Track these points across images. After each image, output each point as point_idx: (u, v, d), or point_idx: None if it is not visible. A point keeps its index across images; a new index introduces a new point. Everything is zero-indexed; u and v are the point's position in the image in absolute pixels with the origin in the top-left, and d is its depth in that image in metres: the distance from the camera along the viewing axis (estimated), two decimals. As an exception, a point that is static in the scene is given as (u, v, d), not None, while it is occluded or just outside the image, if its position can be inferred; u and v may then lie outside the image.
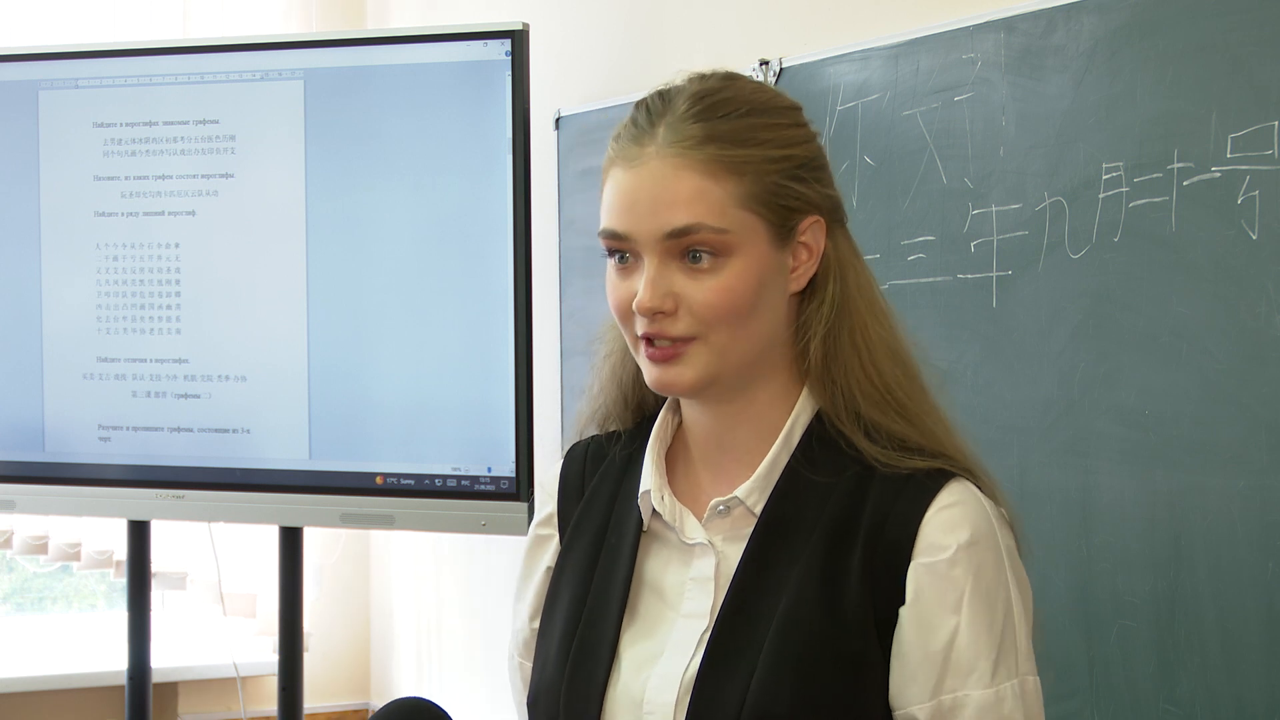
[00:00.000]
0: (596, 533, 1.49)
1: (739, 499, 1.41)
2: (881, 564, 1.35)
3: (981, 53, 2.18)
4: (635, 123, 1.39)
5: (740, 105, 1.38)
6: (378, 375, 2.95)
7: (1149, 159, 1.95)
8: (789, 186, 1.37)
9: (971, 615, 1.34)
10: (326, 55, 2.99)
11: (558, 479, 1.56)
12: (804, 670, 1.34)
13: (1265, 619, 1.82)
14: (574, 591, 1.47)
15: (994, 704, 1.33)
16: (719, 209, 1.34)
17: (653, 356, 1.38)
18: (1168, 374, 1.93)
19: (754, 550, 1.40)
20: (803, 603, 1.35)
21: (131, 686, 3.21)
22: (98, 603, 4.27)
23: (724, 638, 1.37)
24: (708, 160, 1.35)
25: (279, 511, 3.03)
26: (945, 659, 1.33)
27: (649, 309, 1.35)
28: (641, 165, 1.36)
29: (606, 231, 1.39)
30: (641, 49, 3.12)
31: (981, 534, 1.35)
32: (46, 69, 3.13)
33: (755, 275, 1.36)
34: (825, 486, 1.39)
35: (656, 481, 1.45)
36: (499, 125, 2.86)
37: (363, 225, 2.96)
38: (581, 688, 1.42)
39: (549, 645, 1.47)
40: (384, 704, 1.62)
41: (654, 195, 1.35)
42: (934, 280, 2.26)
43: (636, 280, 1.37)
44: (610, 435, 1.55)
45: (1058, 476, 2.07)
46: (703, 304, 1.35)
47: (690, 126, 1.36)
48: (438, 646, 3.97)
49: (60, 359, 3.13)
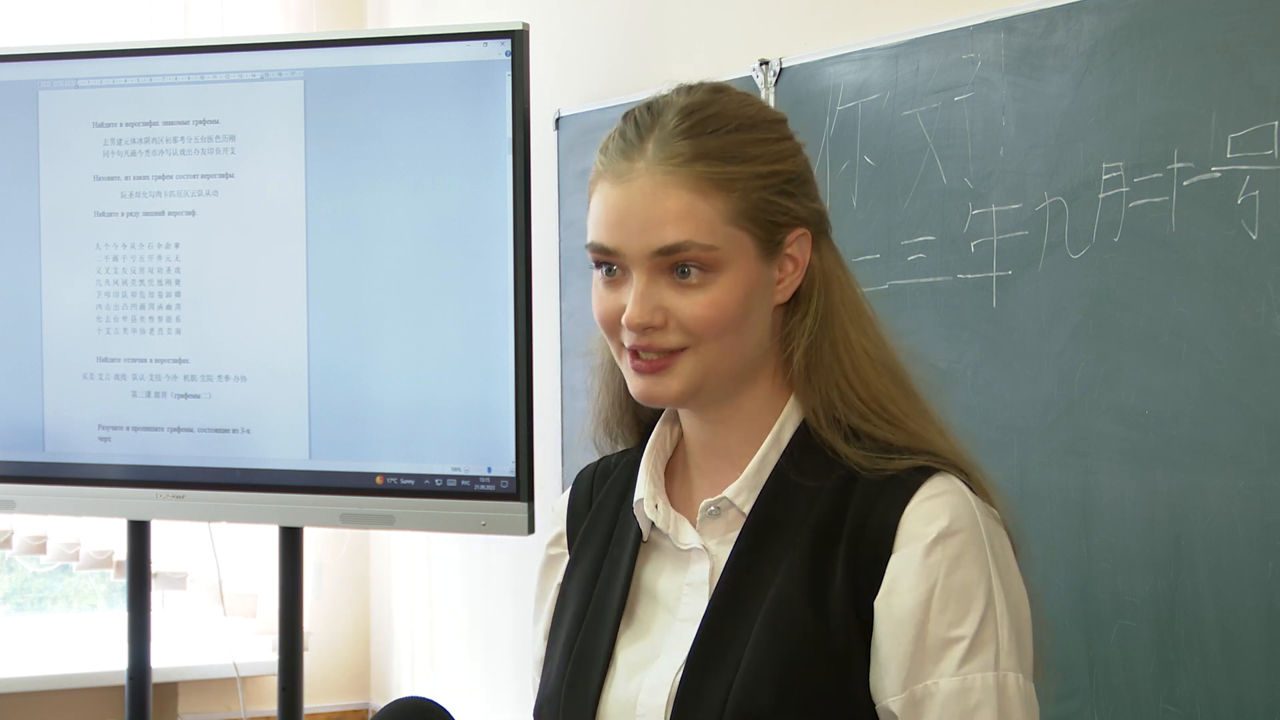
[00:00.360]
0: (600, 544, 1.50)
1: (728, 499, 1.41)
2: (864, 560, 1.35)
3: (981, 53, 2.18)
4: (624, 136, 1.39)
5: (729, 121, 1.38)
6: (378, 375, 2.95)
7: (1149, 159, 1.95)
8: (776, 202, 1.38)
9: (944, 604, 1.32)
10: (326, 55, 2.99)
11: (566, 502, 1.59)
12: (787, 668, 1.34)
13: (1265, 619, 1.82)
14: (577, 603, 1.49)
15: (959, 693, 1.32)
16: (708, 226, 1.35)
17: (639, 369, 1.39)
18: (1168, 374, 1.93)
19: (741, 551, 1.40)
20: (787, 601, 1.35)
21: (131, 686, 3.21)
22: (98, 603, 4.27)
23: (709, 637, 1.38)
24: (697, 177, 1.35)
25: (279, 511, 3.03)
26: (917, 649, 1.32)
27: (638, 324, 1.36)
28: (630, 181, 1.36)
29: (595, 245, 1.39)
30: (641, 49, 3.12)
31: (961, 524, 1.34)
32: (46, 69, 3.13)
33: (743, 290, 1.37)
34: (812, 490, 1.39)
35: (650, 490, 1.46)
36: (499, 125, 2.86)
37: (363, 225, 2.95)
38: (578, 695, 1.43)
39: (553, 657, 1.49)
40: (385, 704, 1.62)
41: (643, 212, 1.35)
42: (934, 280, 2.26)
43: (624, 293, 1.37)
44: (621, 454, 1.56)
45: (1058, 476, 2.07)
46: (692, 318, 1.35)
47: (679, 143, 1.36)
48: (437, 647, 3.97)
49: (60, 359, 3.12)
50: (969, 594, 1.33)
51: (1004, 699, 1.32)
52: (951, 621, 1.33)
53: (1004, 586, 1.36)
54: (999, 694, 1.32)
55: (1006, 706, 1.32)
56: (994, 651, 1.33)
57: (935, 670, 1.32)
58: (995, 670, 1.32)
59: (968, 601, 1.33)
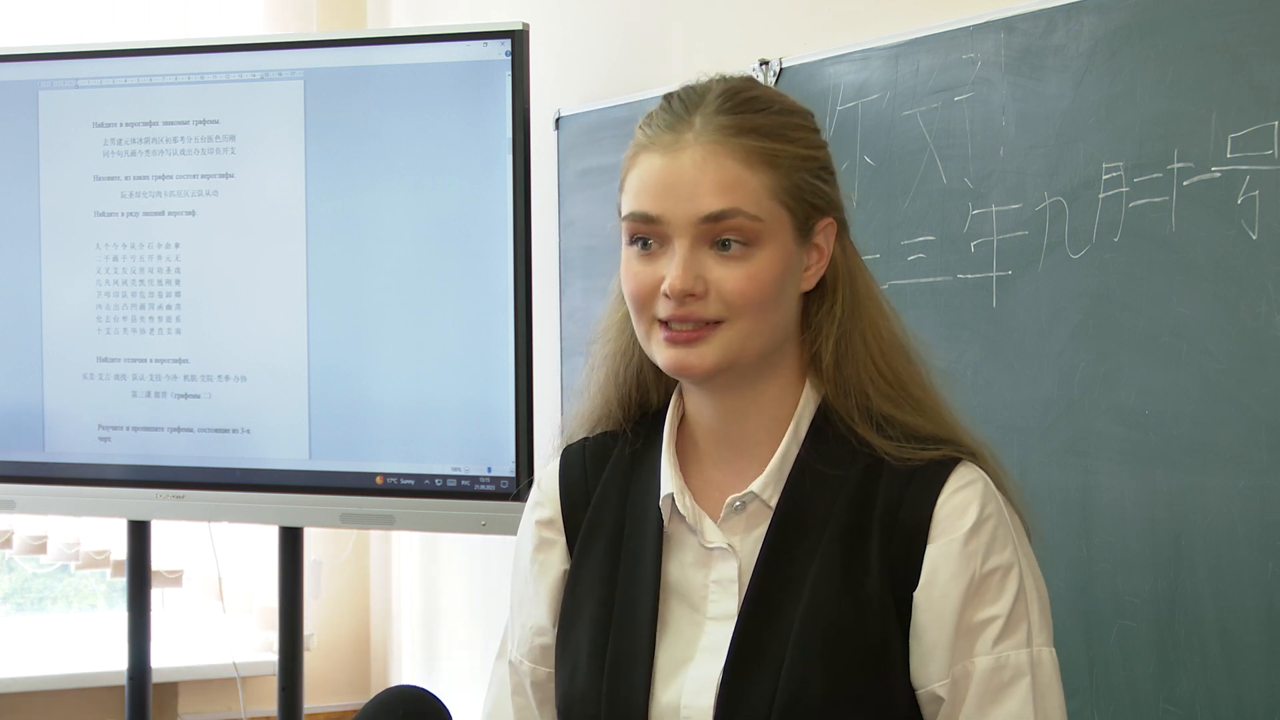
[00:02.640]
0: (612, 536, 1.50)
1: (755, 493, 1.43)
2: (898, 549, 1.38)
3: (981, 53, 2.18)
4: (669, 110, 1.41)
5: (771, 103, 1.42)
6: (378, 375, 2.95)
7: (1149, 159, 1.94)
8: (815, 184, 1.42)
9: (982, 589, 1.37)
10: (326, 55, 2.99)
11: (557, 481, 1.56)
12: (832, 660, 1.36)
13: (1265, 619, 1.82)
14: (599, 598, 1.47)
15: (995, 669, 1.37)
16: (755, 198, 1.37)
17: (672, 339, 1.39)
18: (1168, 374, 1.93)
19: (772, 546, 1.41)
20: (825, 594, 1.38)
21: (131, 686, 3.21)
22: (98, 603, 4.27)
23: (749, 635, 1.39)
24: (746, 150, 1.38)
25: (279, 511, 3.03)
26: (960, 634, 1.37)
27: (681, 291, 1.37)
28: (680, 150, 1.38)
29: (637, 214, 1.40)
30: (641, 49, 3.12)
31: (990, 511, 1.39)
32: (46, 69, 3.13)
33: (781, 268, 1.39)
34: (836, 479, 1.42)
35: (677, 484, 1.46)
36: (499, 125, 2.86)
37: (363, 225, 2.96)
38: (623, 698, 1.43)
39: (576, 654, 1.47)
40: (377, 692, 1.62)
41: (692, 179, 1.37)
42: (934, 280, 2.26)
43: (661, 265, 1.39)
44: (606, 435, 1.55)
45: (1058, 476, 2.07)
46: (733, 290, 1.37)
47: (728, 117, 1.39)
48: (438, 646, 3.97)
49: (60, 359, 3.13)
50: (1003, 577, 1.39)
51: (1039, 672, 1.39)
52: (991, 606, 1.38)
53: (1029, 567, 1.42)
54: (1033, 668, 1.38)
55: (1042, 679, 1.39)
56: (1026, 629, 1.39)
57: (973, 649, 1.37)
58: (1029, 647, 1.39)
59: (1002, 584, 1.39)
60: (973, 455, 1.43)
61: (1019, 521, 1.45)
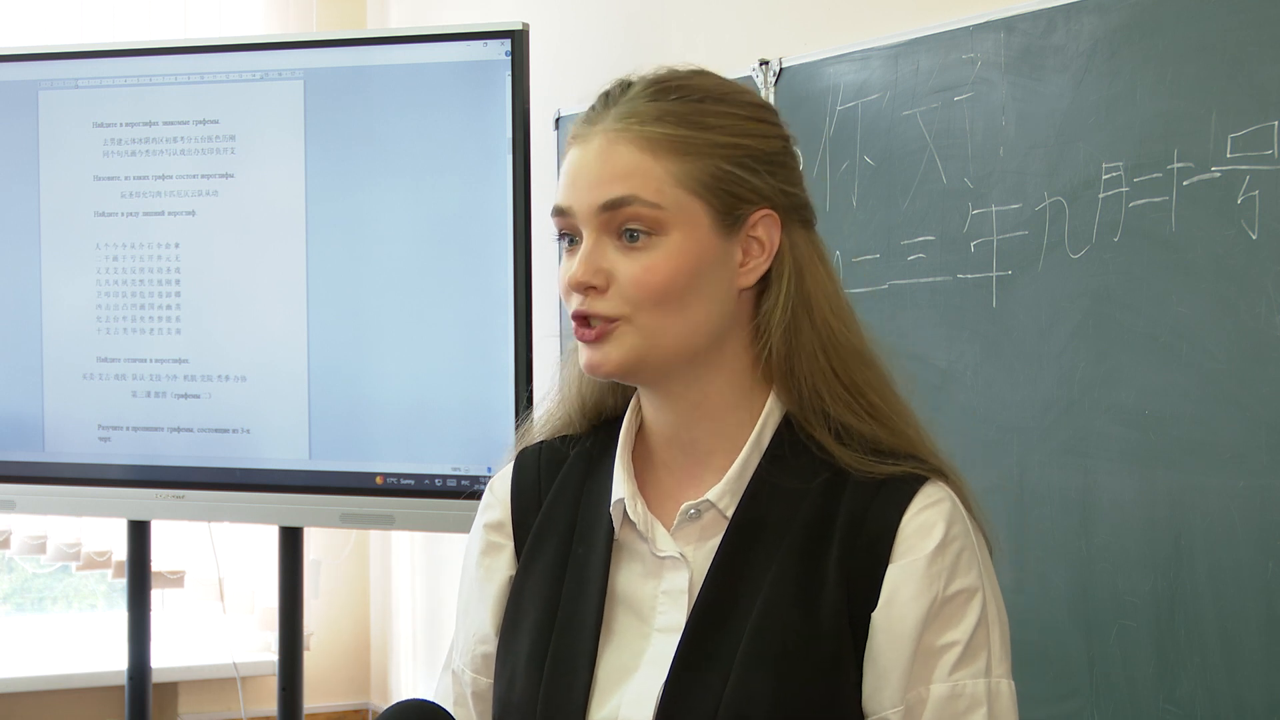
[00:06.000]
0: (561, 541, 1.44)
1: (710, 502, 1.37)
2: (859, 565, 1.33)
3: (981, 53, 2.18)
4: (592, 105, 1.39)
5: (696, 91, 1.37)
6: (378, 375, 2.95)
7: (1149, 159, 1.95)
8: (734, 174, 1.35)
9: (942, 613, 1.32)
10: (326, 55, 2.99)
11: (509, 484, 1.50)
12: (781, 673, 1.31)
13: (1265, 619, 1.82)
14: (542, 603, 1.42)
15: (950, 698, 1.31)
16: (655, 185, 1.33)
17: (583, 337, 1.35)
18: (1168, 374, 1.93)
19: (725, 556, 1.36)
20: (778, 606, 1.32)
21: (131, 686, 3.21)
22: (98, 603, 4.27)
23: (695, 646, 1.34)
24: (650, 137, 1.33)
25: (279, 511, 3.03)
26: (918, 658, 1.31)
27: (579, 282, 1.33)
28: (588, 141, 1.36)
29: (554, 209, 1.37)
30: (641, 49, 3.12)
31: (956, 533, 1.34)
32: (46, 69, 3.13)
33: (691, 259, 1.33)
34: (797, 491, 1.36)
35: (629, 489, 1.40)
36: (499, 125, 2.86)
37: (363, 225, 2.95)
38: (559, 706, 1.37)
39: (515, 660, 1.42)
40: (386, 706, 1.59)
41: (594, 169, 1.34)
42: (934, 280, 2.26)
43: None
44: (565, 439, 1.50)
45: (1058, 476, 2.07)
46: (632, 282, 1.32)
47: (641, 105, 1.35)
48: (437, 647, 3.97)
49: (60, 359, 3.12)
50: (966, 602, 1.33)
51: (996, 704, 1.32)
52: (949, 628, 1.32)
53: (993, 593, 1.36)
54: (990, 699, 1.32)
55: (998, 711, 1.32)
56: (986, 658, 1.33)
57: (930, 675, 1.31)
58: (987, 677, 1.32)
59: (964, 609, 1.33)
60: (939, 473, 1.37)
61: (985, 545, 1.38)
